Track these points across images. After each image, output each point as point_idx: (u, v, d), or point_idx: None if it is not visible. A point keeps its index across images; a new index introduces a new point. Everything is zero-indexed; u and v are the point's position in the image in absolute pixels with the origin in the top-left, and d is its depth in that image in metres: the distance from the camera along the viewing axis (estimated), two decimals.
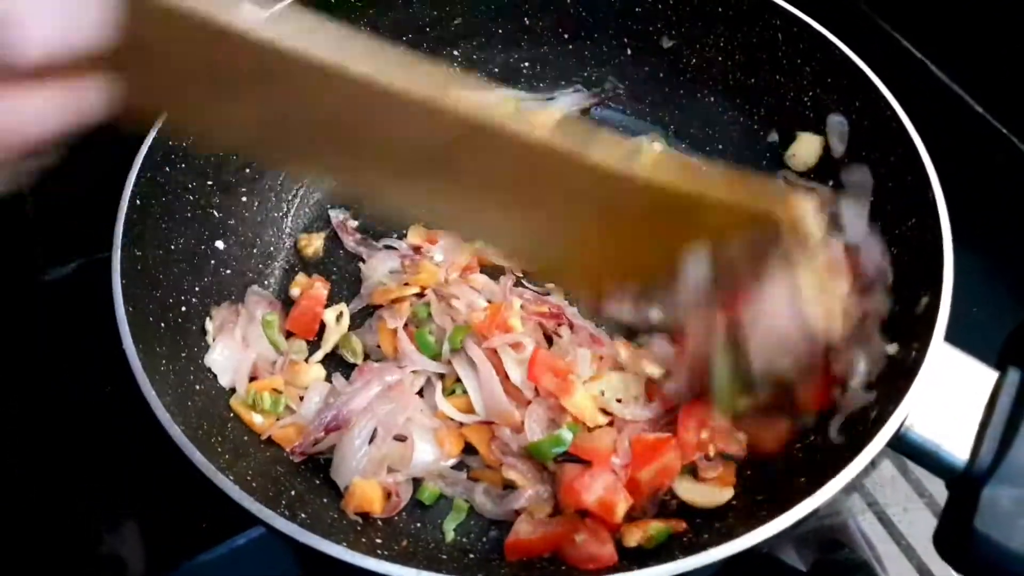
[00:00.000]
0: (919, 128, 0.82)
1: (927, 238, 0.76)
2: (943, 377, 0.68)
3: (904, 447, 0.67)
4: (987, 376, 0.69)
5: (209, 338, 0.85)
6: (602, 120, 1.11)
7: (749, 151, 1.02)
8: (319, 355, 0.90)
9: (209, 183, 0.90)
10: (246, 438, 0.79)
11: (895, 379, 0.70)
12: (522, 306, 0.88)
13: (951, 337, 0.70)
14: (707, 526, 0.76)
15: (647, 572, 0.61)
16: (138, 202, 0.79)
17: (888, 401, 0.68)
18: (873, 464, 0.70)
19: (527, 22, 1.08)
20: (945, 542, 0.66)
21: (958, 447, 0.66)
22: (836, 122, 0.92)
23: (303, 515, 0.70)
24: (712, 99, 1.05)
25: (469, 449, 0.84)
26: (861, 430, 0.70)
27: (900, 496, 1.04)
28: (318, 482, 0.80)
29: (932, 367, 0.68)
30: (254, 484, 0.69)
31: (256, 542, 0.81)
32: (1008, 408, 0.66)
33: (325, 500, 0.78)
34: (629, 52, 1.08)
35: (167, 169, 0.84)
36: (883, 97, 0.84)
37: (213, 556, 0.81)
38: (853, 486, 0.96)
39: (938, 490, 1.05)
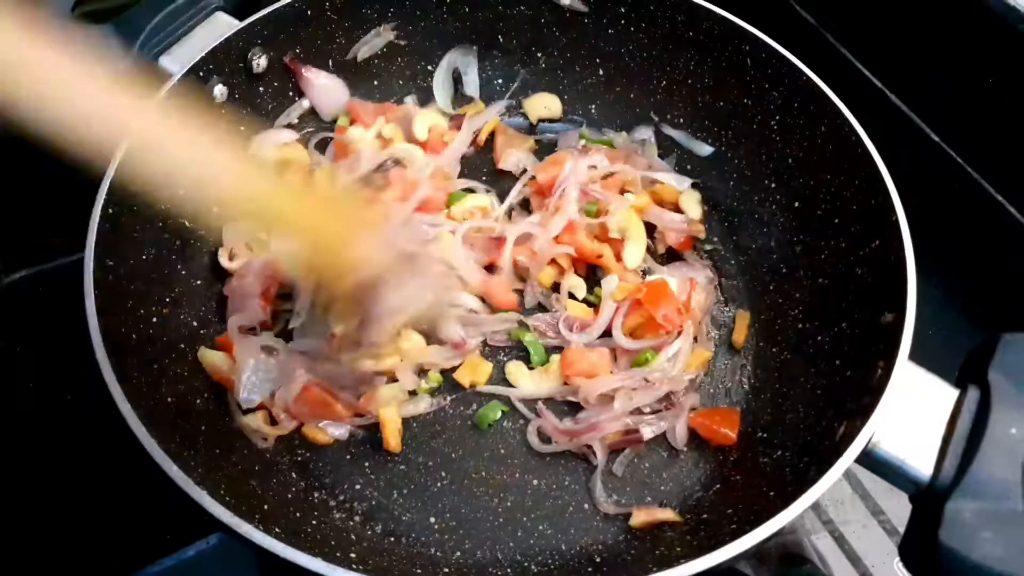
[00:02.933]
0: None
1: (891, 259, 0.78)
2: (907, 394, 0.70)
3: (870, 462, 0.69)
4: (948, 394, 0.71)
5: None
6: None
7: (716, 172, 1.05)
8: None
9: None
10: (217, 451, 0.78)
11: (861, 396, 0.72)
12: None
13: (910, 357, 0.72)
14: (679, 540, 0.77)
15: None
16: (110, 211, 0.78)
17: (855, 417, 0.70)
18: None
19: (501, 40, 1.09)
20: (910, 555, 0.67)
21: (922, 462, 0.68)
22: None
23: (277, 528, 0.69)
24: (681, 120, 1.07)
25: None
26: (828, 445, 0.72)
27: (859, 515, 1.07)
28: (290, 496, 0.80)
29: (897, 385, 0.70)
30: (228, 497, 0.68)
31: (209, 553, 0.80)
32: (969, 424, 0.68)
33: (298, 514, 0.77)
34: (601, 73, 1.09)
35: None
36: (848, 122, 0.87)
37: (163, 567, 0.80)
38: (813, 504, 0.98)
39: (892, 508, 1.08)
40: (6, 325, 0.97)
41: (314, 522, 0.78)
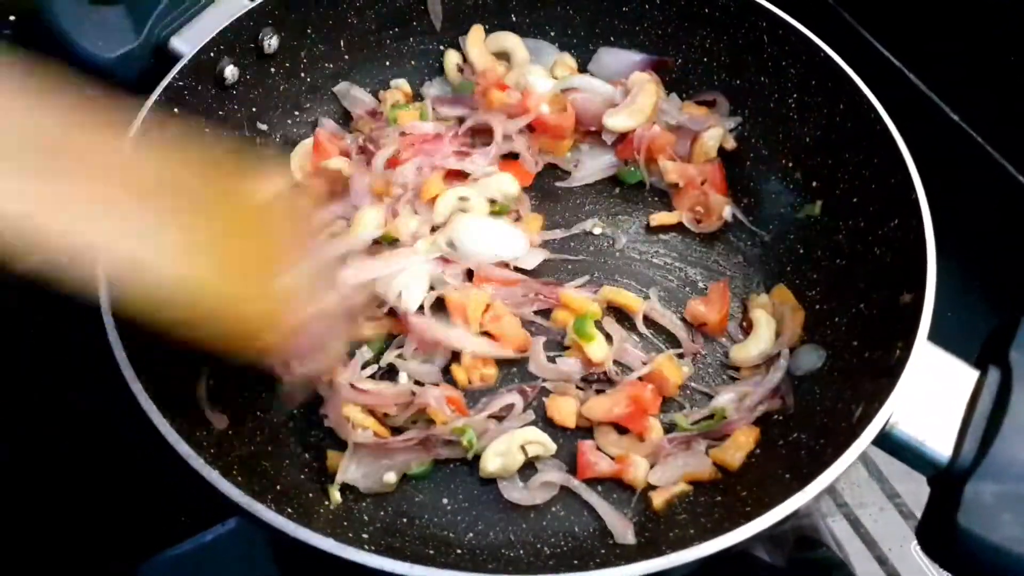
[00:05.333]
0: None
1: (910, 238, 0.77)
2: (926, 375, 0.69)
3: (888, 444, 0.68)
4: (968, 375, 0.70)
5: None
6: None
7: (732, 151, 1.03)
8: None
9: None
10: (230, 432, 0.78)
11: (879, 377, 0.71)
12: None
13: (930, 339, 0.71)
14: (693, 522, 0.77)
15: (633, 568, 0.62)
16: None
17: (873, 399, 0.69)
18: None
19: (514, 18, 1.08)
20: (929, 537, 0.67)
21: (941, 444, 0.67)
22: None
23: (289, 509, 0.69)
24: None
25: None
26: (845, 427, 0.71)
27: (875, 498, 1.06)
28: (302, 476, 0.80)
29: (915, 365, 0.69)
30: (240, 478, 0.68)
31: (226, 537, 0.80)
32: (989, 406, 0.67)
33: (311, 495, 0.77)
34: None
35: None
36: (867, 99, 0.86)
37: (181, 551, 0.80)
38: (829, 487, 0.97)
39: (909, 491, 1.07)
40: (21, 312, 0.98)
41: (326, 502, 0.78)
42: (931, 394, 0.69)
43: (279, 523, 0.62)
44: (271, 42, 0.96)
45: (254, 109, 0.98)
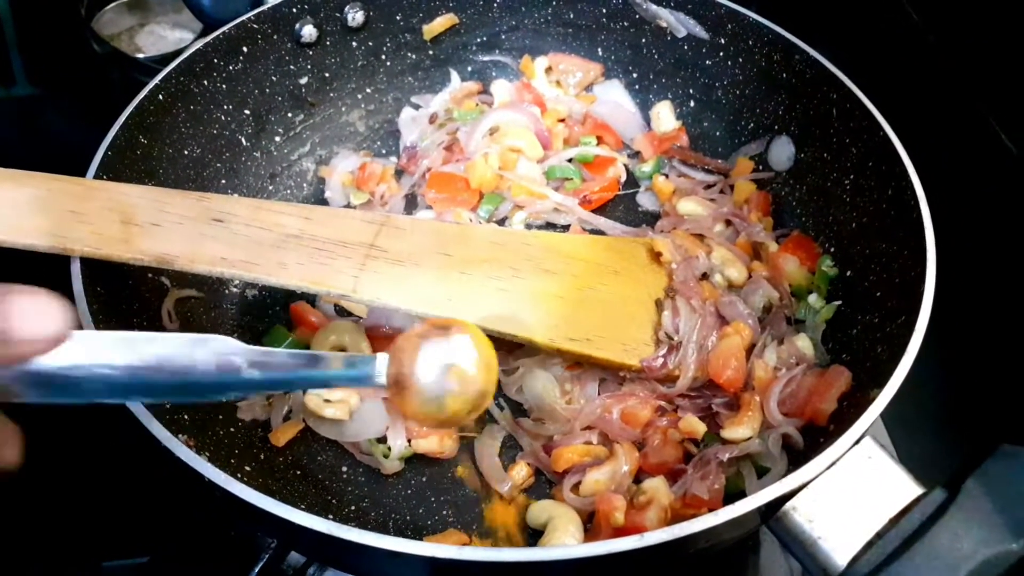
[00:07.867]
0: None
1: (905, 337, 0.68)
2: (858, 476, 0.60)
3: (781, 529, 0.59)
4: (909, 490, 0.59)
5: None
6: None
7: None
8: None
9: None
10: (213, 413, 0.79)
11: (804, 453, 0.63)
12: None
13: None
14: None
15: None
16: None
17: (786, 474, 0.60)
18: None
19: (600, 52, 1.09)
20: None
21: (840, 549, 0.57)
22: None
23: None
24: (760, 168, 1.01)
25: None
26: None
27: None
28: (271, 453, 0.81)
29: (849, 466, 0.60)
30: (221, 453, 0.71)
31: None
32: (914, 526, 0.57)
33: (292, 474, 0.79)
34: (692, 104, 1.07)
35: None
36: (911, 185, 0.77)
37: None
38: None
39: None
40: None
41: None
42: (857, 497, 0.59)
43: (247, 495, 0.57)
44: (356, 16, 1.01)
45: (326, 75, 1.03)
